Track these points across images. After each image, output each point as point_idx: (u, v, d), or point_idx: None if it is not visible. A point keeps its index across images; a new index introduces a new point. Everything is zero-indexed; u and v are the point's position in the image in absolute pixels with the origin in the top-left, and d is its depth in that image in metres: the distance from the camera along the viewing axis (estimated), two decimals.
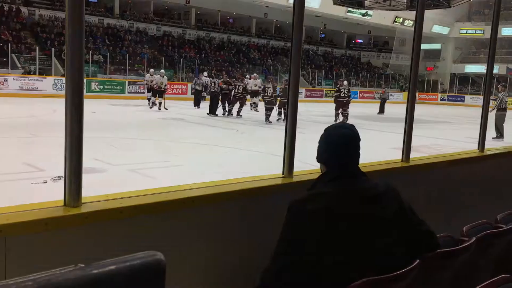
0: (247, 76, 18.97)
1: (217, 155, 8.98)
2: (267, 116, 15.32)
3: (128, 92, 24.61)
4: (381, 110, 22.64)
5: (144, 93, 21.61)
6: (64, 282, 0.78)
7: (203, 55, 33.36)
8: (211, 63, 32.62)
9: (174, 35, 34.19)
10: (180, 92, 25.85)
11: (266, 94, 15.58)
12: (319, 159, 1.83)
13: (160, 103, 17.96)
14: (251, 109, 18.12)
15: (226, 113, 17.01)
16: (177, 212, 1.97)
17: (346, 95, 16.83)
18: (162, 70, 20.01)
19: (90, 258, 1.01)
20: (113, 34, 30.54)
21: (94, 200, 1.81)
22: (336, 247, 1.56)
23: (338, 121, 16.68)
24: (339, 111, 16.74)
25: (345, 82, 18.16)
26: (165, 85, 18.28)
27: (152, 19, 34.30)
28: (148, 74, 20.48)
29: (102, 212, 1.75)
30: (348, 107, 16.75)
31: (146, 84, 20.16)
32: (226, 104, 17.15)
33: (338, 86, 17.52)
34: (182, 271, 1.95)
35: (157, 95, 18.17)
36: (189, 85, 25.94)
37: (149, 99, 19.38)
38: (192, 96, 21.33)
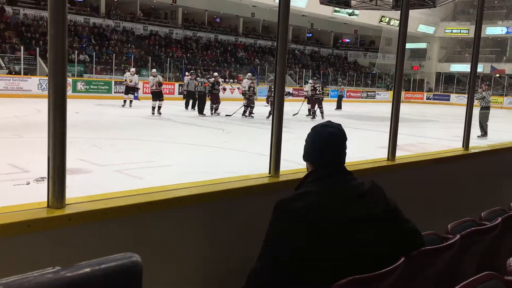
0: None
1: (204, 155, 8.95)
2: (270, 114, 15.40)
3: (115, 92, 24.39)
4: (338, 107, 23.86)
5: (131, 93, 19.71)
6: (36, 285, 0.76)
7: (190, 54, 33.25)
8: (198, 62, 32.53)
9: (161, 34, 34.03)
10: (168, 92, 25.69)
11: (272, 95, 15.62)
12: (305, 158, 1.84)
13: (159, 107, 16.22)
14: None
15: (213, 113, 17.01)
16: (163, 213, 1.96)
17: (321, 93, 17.60)
18: (154, 70, 18.65)
19: (73, 261, 0.99)
20: (99, 33, 30.29)
21: (78, 201, 1.79)
22: (322, 246, 1.56)
23: (316, 118, 16.85)
24: (315, 108, 17.39)
25: (311, 80, 18.96)
26: (160, 84, 17.06)
27: (139, 19, 34.10)
28: (129, 73, 19.18)
29: (86, 213, 1.73)
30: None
31: (125, 82, 19.09)
32: (214, 104, 17.16)
33: (313, 84, 17.78)
34: (168, 272, 1.94)
35: (157, 98, 16.34)
36: (177, 84, 25.82)
37: (125, 100, 18.74)
38: (180, 95, 21.01)
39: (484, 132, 13.44)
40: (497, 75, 38.98)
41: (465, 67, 38.76)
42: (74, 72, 24.06)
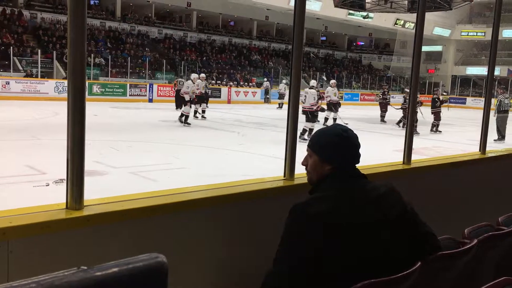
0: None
1: (219, 157, 8.98)
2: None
3: (130, 95, 24.64)
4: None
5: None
6: (68, 284, 0.78)
7: (204, 57, 33.41)
8: (213, 65, 32.66)
9: (176, 37, 34.24)
10: None
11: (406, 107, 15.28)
12: (327, 159, 1.80)
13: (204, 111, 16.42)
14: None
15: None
16: (179, 215, 1.98)
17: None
18: (203, 74, 18.24)
19: (92, 261, 1.01)
20: (114, 37, 30.59)
21: (96, 203, 1.81)
22: (338, 250, 1.56)
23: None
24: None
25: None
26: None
27: (154, 22, 34.37)
28: (190, 81, 16.14)
29: (104, 214, 1.75)
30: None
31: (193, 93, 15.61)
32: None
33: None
34: (184, 274, 1.96)
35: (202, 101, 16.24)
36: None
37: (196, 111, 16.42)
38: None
39: (501, 136, 13.28)
40: None
41: (481, 70, 38.28)
42: (90, 75, 24.32)
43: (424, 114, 15.27)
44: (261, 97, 29.26)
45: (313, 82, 13.98)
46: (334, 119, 15.16)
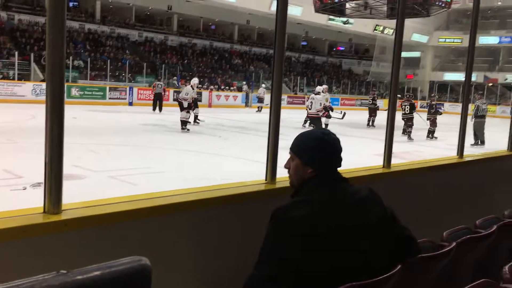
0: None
1: (200, 161, 8.94)
2: (409, 133, 14.51)
3: (109, 98, 24.37)
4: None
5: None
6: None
7: (185, 61, 33.27)
8: (193, 69, 32.54)
9: (156, 41, 34.04)
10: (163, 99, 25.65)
11: (404, 113, 14.91)
12: (309, 163, 1.79)
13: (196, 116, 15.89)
14: None
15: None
16: (159, 219, 1.96)
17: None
18: (196, 80, 15.92)
19: (70, 266, 0.99)
20: (94, 39, 30.26)
21: (74, 207, 1.78)
22: (319, 253, 1.56)
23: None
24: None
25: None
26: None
27: (134, 25, 34.10)
28: (189, 87, 14.53)
29: (82, 219, 1.72)
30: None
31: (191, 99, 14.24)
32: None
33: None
34: (163, 278, 1.94)
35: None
36: (172, 91, 25.67)
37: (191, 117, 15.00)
38: (175, 102, 21.19)
39: (479, 141, 13.56)
40: (490, 84, 39.24)
41: (458, 76, 38.99)
42: (68, 77, 23.97)
43: (423, 118, 15.52)
44: (242, 101, 29.29)
45: (319, 88, 13.60)
46: (326, 125, 15.28)
